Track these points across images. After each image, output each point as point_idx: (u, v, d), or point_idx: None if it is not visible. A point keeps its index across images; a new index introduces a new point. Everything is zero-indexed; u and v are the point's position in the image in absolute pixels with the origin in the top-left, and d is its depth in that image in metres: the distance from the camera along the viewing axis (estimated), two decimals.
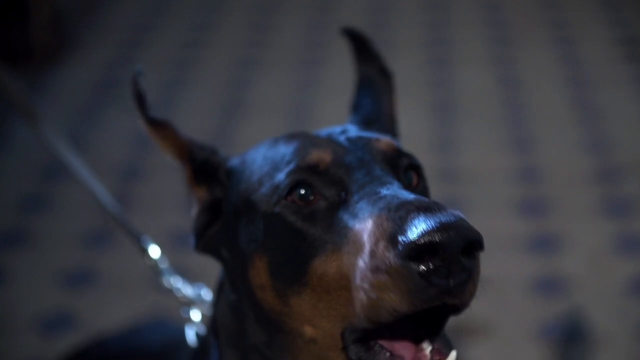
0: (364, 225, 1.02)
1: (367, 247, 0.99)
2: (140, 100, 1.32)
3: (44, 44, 4.49)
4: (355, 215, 1.05)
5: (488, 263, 1.06)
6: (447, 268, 0.95)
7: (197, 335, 1.42)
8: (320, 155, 1.13)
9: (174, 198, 3.34)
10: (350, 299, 1.03)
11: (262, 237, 1.13)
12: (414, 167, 1.20)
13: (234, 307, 1.24)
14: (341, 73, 4.48)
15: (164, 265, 1.61)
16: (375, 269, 0.98)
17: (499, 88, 4.28)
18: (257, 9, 5.23)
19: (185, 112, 4.09)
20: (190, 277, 1.48)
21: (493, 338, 2.74)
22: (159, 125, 1.31)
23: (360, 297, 1.00)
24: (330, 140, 1.18)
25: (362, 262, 0.99)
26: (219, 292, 1.30)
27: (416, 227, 0.95)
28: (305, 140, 1.18)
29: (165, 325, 1.88)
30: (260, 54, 4.71)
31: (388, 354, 1.05)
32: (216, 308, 1.30)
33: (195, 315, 1.46)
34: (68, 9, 5.02)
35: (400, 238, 0.96)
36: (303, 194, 1.10)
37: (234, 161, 1.28)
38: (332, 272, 1.04)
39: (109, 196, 1.70)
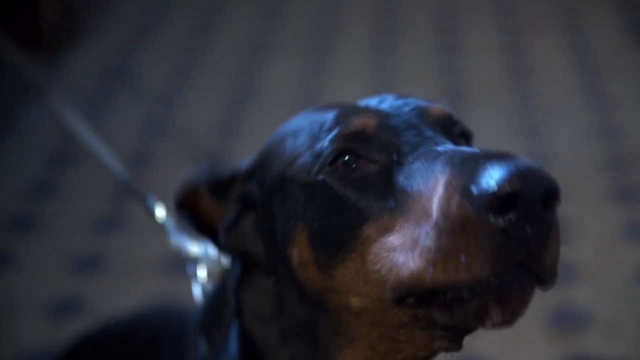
0: (428, 185, 0.94)
1: (436, 209, 0.91)
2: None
3: (53, 30, 4.49)
4: (413, 177, 0.97)
5: None
6: (526, 218, 0.87)
7: (204, 292, 1.39)
8: (365, 121, 1.06)
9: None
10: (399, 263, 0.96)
11: (302, 209, 1.07)
12: (466, 136, 1.14)
13: (272, 295, 1.19)
14: (350, 60, 4.49)
15: (170, 225, 1.56)
16: (450, 232, 0.89)
17: (508, 75, 4.27)
18: None
19: (194, 98, 4.09)
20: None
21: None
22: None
23: (427, 265, 0.92)
24: (371, 107, 1.11)
25: (435, 229, 0.91)
26: (242, 280, 1.25)
27: (492, 176, 0.86)
28: (344, 108, 1.11)
29: (171, 307, 1.87)
30: (269, 41, 4.71)
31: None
32: (239, 295, 1.25)
33: (202, 272, 1.42)
34: None
35: (475, 191, 0.87)
36: (347, 161, 1.03)
37: (253, 158, 1.21)
38: (390, 239, 0.97)
39: (116, 160, 1.67)
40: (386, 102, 1.14)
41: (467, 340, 1.09)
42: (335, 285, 1.05)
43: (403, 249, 0.96)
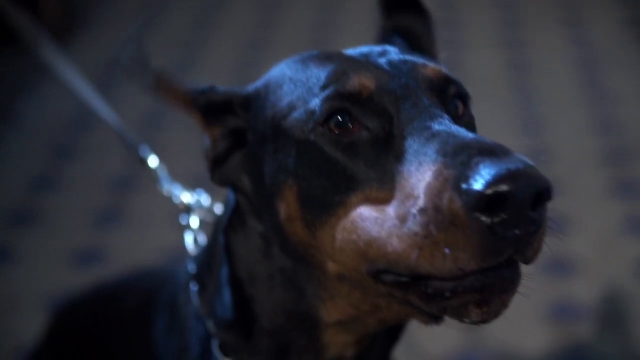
0: (419, 172, 0.94)
1: (427, 199, 0.91)
2: (137, 71, 1.28)
3: (53, 25, 4.48)
4: (405, 155, 0.97)
5: None
6: (515, 219, 0.87)
7: (196, 242, 1.39)
8: (363, 81, 1.05)
9: (182, 179, 3.34)
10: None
11: (293, 165, 1.07)
12: (462, 96, 1.13)
13: (260, 237, 1.19)
14: None
15: (162, 174, 1.57)
16: (441, 225, 0.89)
17: (508, 70, 4.27)
18: None
19: None
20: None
21: (500, 318, 2.73)
22: (155, 84, 1.27)
23: (413, 248, 0.92)
24: (370, 63, 1.09)
25: (424, 216, 0.91)
26: (230, 220, 1.25)
27: (483, 175, 0.86)
28: (342, 62, 1.10)
29: (161, 268, 1.86)
30: (269, 35, 4.70)
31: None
32: (229, 235, 1.25)
33: (194, 221, 1.42)
34: None
35: (466, 187, 0.88)
36: (341, 122, 1.02)
37: (252, 88, 1.20)
38: (376, 215, 0.97)
39: (108, 108, 1.66)
40: (386, 57, 1.12)
41: (463, 334, 1.09)
42: (319, 244, 1.06)
43: (386, 226, 0.96)
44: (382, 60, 1.11)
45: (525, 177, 0.87)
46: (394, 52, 1.14)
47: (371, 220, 0.98)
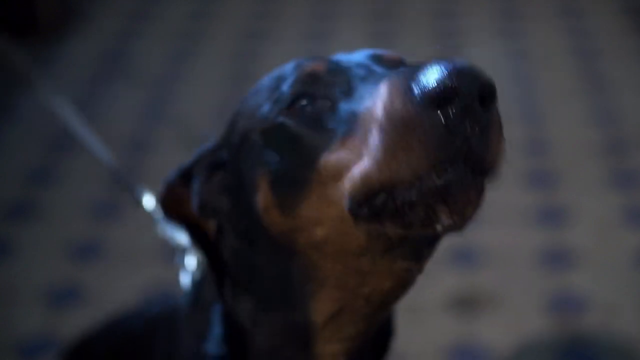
0: (374, 97, 0.97)
1: (381, 110, 0.94)
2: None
3: (50, 16, 4.47)
4: (362, 98, 1.01)
5: (496, 234, 1.05)
6: (464, 112, 0.91)
7: (193, 281, 1.38)
8: (316, 64, 1.11)
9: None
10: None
11: (262, 155, 1.10)
12: None
13: (242, 254, 1.20)
14: (349, 46, 4.47)
15: (159, 215, 1.56)
16: (394, 130, 0.92)
17: (506, 60, 4.26)
18: None
19: (192, 84, 4.09)
20: None
21: (500, 310, 2.74)
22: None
23: (374, 163, 0.95)
24: (325, 57, 1.16)
25: (379, 129, 0.94)
26: (217, 248, 1.26)
27: (431, 75, 0.91)
28: (299, 60, 1.17)
29: (168, 296, 1.86)
30: (268, 25, 4.70)
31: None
32: (221, 261, 1.26)
33: (190, 261, 1.43)
34: None
35: (416, 89, 0.91)
36: (305, 105, 1.07)
37: (221, 133, 1.25)
38: (344, 156, 1.00)
39: (107, 150, 1.68)
40: (347, 57, 1.17)
41: (465, 325, 1.09)
42: (298, 224, 1.07)
43: (356, 158, 0.98)
44: (342, 58, 1.16)
45: (470, 73, 0.92)
46: (361, 54, 1.18)
47: (346, 163, 1.00)
